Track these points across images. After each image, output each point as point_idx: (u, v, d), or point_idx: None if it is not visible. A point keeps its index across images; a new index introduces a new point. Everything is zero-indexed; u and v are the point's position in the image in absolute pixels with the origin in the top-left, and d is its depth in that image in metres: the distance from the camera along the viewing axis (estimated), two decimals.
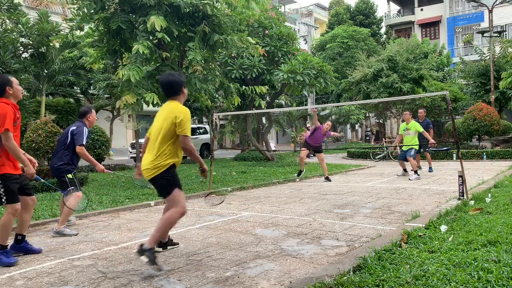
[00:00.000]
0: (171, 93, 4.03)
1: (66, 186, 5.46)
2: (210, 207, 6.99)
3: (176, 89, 4.02)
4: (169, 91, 4.04)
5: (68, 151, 5.55)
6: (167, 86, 4.02)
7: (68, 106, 25.57)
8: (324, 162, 10.83)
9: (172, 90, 4.02)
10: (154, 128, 4.03)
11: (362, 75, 21.15)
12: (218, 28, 9.03)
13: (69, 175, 5.51)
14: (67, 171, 5.52)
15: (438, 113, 25.03)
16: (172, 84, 4.00)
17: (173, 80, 4.00)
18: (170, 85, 4.01)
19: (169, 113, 3.90)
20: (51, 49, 14.06)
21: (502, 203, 5.79)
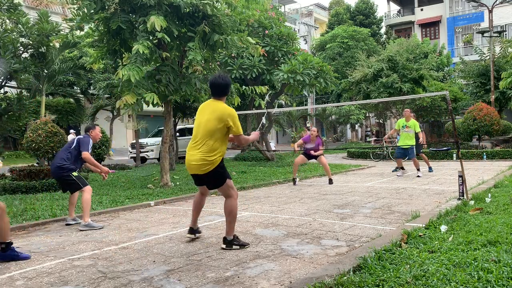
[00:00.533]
0: (220, 94, 4.43)
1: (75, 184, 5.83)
2: (210, 208, 6.99)
3: (226, 91, 4.46)
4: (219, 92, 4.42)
5: (71, 155, 5.90)
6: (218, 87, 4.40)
7: (68, 106, 25.64)
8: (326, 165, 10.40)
9: (222, 91, 4.42)
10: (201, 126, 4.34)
11: (362, 75, 21.15)
12: (218, 28, 9.03)
13: (74, 173, 5.84)
14: (71, 169, 5.82)
15: (438, 113, 25.04)
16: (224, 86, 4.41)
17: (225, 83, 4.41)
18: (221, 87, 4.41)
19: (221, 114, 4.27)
20: (51, 49, 14.07)
21: (502, 203, 5.79)
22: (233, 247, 4.36)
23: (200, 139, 4.31)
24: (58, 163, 5.83)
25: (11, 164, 17.24)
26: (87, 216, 5.72)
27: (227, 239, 4.40)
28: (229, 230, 4.40)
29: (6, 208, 6.81)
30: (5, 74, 13.56)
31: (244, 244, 4.45)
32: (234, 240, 4.41)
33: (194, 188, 9.31)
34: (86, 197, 5.78)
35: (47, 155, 9.99)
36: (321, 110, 32.79)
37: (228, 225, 4.41)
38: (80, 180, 5.86)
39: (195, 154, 4.30)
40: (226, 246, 4.39)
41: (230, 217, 4.39)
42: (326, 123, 36.01)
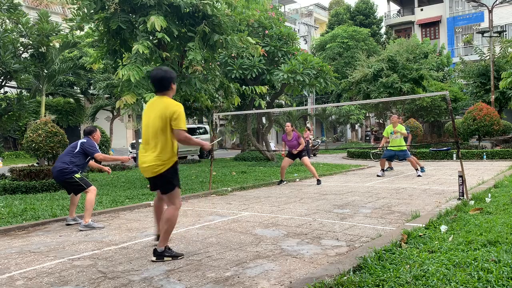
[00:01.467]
0: (162, 88, 4.10)
1: (78, 186, 5.82)
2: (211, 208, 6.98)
3: (167, 85, 4.08)
4: (160, 86, 4.09)
5: (74, 158, 5.89)
6: (158, 81, 4.08)
7: (68, 106, 25.62)
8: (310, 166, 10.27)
9: (163, 85, 4.08)
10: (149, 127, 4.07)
11: (362, 75, 21.15)
12: (218, 28, 9.03)
13: (76, 175, 5.80)
14: (73, 172, 5.79)
15: (438, 113, 25.05)
16: (163, 79, 4.06)
17: (164, 75, 4.07)
18: (160, 80, 4.07)
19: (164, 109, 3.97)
20: (51, 49, 14.06)
21: (502, 203, 5.79)
22: (164, 259, 4.02)
23: (152, 140, 4.02)
24: (59, 167, 5.80)
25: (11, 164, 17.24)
26: (89, 216, 5.70)
27: (157, 251, 4.04)
28: (162, 240, 4.06)
29: (6, 208, 6.84)
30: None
31: (177, 255, 4.10)
32: (165, 251, 4.05)
33: (194, 188, 9.31)
34: (90, 198, 5.78)
35: (47, 155, 9.98)
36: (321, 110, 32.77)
37: (163, 234, 4.06)
38: (84, 181, 5.85)
39: (148, 155, 4.03)
40: (156, 258, 4.02)
41: (167, 225, 4.03)
42: (326, 123, 35.99)
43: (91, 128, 6.30)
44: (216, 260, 4.06)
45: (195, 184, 10.05)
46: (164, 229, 4.04)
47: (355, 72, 21.81)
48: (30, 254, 4.50)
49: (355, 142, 37.52)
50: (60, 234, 5.46)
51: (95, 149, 5.96)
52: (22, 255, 4.49)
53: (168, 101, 4.05)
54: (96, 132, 6.25)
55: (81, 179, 5.84)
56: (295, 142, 10.13)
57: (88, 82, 22.46)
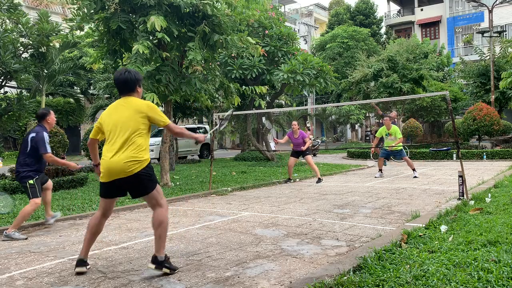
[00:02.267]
0: (126, 90, 3.86)
1: (27, 192, 5.42)
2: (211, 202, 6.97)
3: (131, 87, 3.86)
4: (124, 89, 3.87)
5: (29, 158, 5.45)
6: (122, 83, 3.85)
7: (68, 106, 25.64)
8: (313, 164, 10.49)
9: (127, 87, 3.86)
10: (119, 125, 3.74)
11: (362, 75, 21.15)
12: (218, 28, 9.02)
13: (30, 181, 5.39)
14: (28, 176, 5.39)
15: (438, 113, 25.04)
16: (127, 81, 3.84)
17: (128, 77, 3.85)
18: (125, 83, 3.84)
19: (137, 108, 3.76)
20: (51, 49, 14.06)
21: (502, 203, 5.79)
22: (163, 269, 3.66)
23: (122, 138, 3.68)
24: (16, 169, 5.48)
25: (11, 164, 17.23)
26: (15, 227, 5.28)
27: (157, 259, 3.67)
28: (160, 248, 3.70)
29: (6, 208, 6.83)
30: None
31: (174, 268, 3.75)
32: (166, 261, 3.70)
33: (194, 188, 9.31)
34: (27, 210, 5.34)
35: None
36: (321, 110, 32.78)
37: (158, 241, 3.70)
38: (33, 190, 5.38)
39: (119, 155, 3.64)
40: (155, 267, 3.66)
41: (160, 230, 3.70)
42: (326, 123, 35.99)
43: (43, 110, 5.66)
44: (216, 260, 4.06)
45: (195, 184, 10.05)
46: (158, 234, 3.71)
47: (355, 72, 21.81)
48: (30, 254, 4.50)
49: (355, 142, 37.52)
50: (60, 234, 5.46)
51: (44, 148, 5.35)
52: (22, 255, 4.49)
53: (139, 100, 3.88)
54: (50, 115, 5.65)
55: (32, 186, 5.37)
56: (300, 140, 10.41)
57: (88, 82, 22.46)
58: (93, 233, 3.91)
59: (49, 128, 5.65)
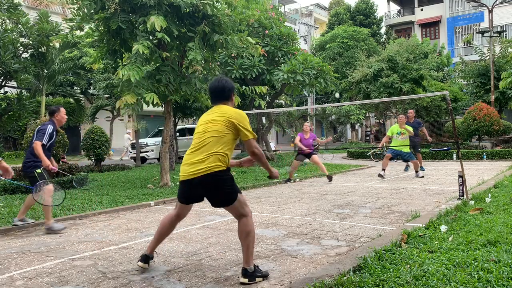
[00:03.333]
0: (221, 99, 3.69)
1: (36, 181, 5.51)
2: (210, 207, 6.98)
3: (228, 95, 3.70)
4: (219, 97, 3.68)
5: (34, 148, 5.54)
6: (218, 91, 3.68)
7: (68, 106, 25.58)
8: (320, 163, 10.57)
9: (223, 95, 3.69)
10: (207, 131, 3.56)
11: (362, 75, 21.15)
12: (218, 28, 9.03)
13: (37, 170, 5.52)
14: (35, 166, 5.52)
15: (438, 113, 25.03)
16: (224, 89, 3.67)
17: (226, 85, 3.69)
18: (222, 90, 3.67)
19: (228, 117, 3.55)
20: (51, 49, 14.07)
21: (502, 203, 5.79)
22: (256, 280, 3.44)
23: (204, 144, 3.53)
24: (24, 161, 5.62)
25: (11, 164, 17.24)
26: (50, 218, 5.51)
27: (248, 271, 3.44)
28: (248, 258, 3.47)
29: (6, 208, 6.83)
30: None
31: (267, 274, 3.56)
32: (256, 270, 3.48)
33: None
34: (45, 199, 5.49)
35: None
36: (321, 110, 32.78)
37: (246, 252, 3.47)
38: (41, 178, 5.53)
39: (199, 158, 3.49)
40: (249, 280, 3.41)
41: (248, 240, 3.48)
42: (326, 123, 36.00)
43: (54, 107, 5.84)
44: (216, 260, 4.06)
45: None
46: (246, 246, 3.48)
47: (355, 72, 21.81)
48: (30, 254, 4.50)
49: (355, 142, 37.51)
50: (60, 234, 5.46)
51: (39, 137, 5.45)
52: (22, 255, 4.49)
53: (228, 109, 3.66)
54: (60, 112, 5.77)
55: (41, 175, 5.51)
56: (311, 141, 10.52)
57: (88, 82, 22.45)
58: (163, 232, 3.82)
59: (58, 124, 5.79)
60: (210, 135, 3.51)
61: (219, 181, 3.46)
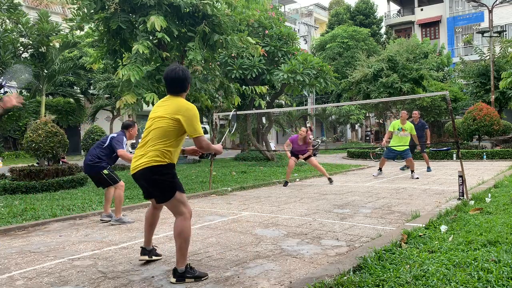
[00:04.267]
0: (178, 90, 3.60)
1: (106, 181, 5.98)
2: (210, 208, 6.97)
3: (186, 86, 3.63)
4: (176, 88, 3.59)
5: (103, 152, 5.95)
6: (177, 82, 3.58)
7: (68, 106, 25.62)
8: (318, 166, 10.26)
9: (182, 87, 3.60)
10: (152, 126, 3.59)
11: (362, 75, 21.15)
12: (218, 28, 9.03)
13: (104, 171, 5.90)
14: (102, 167, 5.89)
15: (438, 113, 25.03)
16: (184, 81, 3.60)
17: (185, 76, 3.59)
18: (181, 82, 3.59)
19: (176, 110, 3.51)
20: (51, 49, 14.07)
21: (502, 203, 5.79)
22: (186, 280, 3.46)
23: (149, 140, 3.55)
24: (89, 161, 5.93)
25: (11, 164, 17.25)
26: (119, 212, 5.91)
27: (177, 271, 3.47)
28: (180, 259, 3.48)
29: (6, 208, 6.83)
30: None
31: (202, 275, 3.52)
32: (187, 271, 3.48)
33: (194, 188, 9.31)
34: (118, 193, 5.95)
35: (47, 155, 9.98)
36: (321, 110, 32.78)
37: (178, 252, 3.48)
38: (111, 177, 5.95)
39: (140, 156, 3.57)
40: (176, 280, 3.45)
41: (180, 239, 3.46)
42: (326, 123, 36.01)
43: (130, 122, 6.24)
44: (216, 260, 4.06)
45: (195, 184, 10.05)
46: (178, 245, 3.49)
47: (355, 72, 21.81)
48: (30, 254, 4.50)
49: (355, 142, 37.52)
50: (60, 234, 5.46)
51: (120, 144, 5.88)
52: (22, 255, 4.49)
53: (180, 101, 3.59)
54: (134, 128, 6.20)
55: (109, 175, 5.93)
56: (304, 148, 10.02)
57: (88, 82, 22.46)
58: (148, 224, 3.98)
59: (128, 138, 6.14)
60: (155, 131, 3.52)
61: (155, 176, 3.48)
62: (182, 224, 3.50)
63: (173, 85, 3.60)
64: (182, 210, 3.53)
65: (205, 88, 9.95)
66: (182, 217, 3.52)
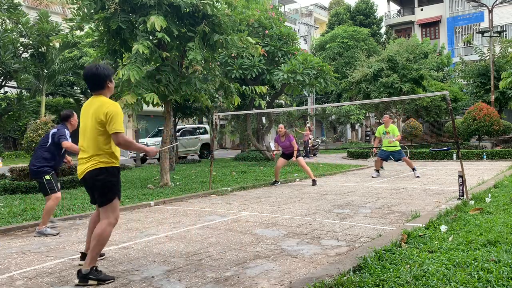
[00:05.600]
0: (96, 87, 3.65)
1: (44, 188, 5.46)
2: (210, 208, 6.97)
3: (101, 83, 3.64)
4: (94, 85, 3.65)
5: (47, 152, 5.49)
6: (90, 79, 3.63)
7: (68, 106, 25.64)
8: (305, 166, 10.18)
9: (96, 84, 3.64)
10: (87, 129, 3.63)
11: (362, 75, 21.15)
12: (218, 28, 9.03)
13: (46, 176, 5.43)
14: (44, 172, 5.43)
15: (438, 113, 25.05)
16: (96, 76, 3.61)
17: (97, 72, 3.61)
18: (93, 78, 3.62)
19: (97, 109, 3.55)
20: (51, 49, 14.08)
21: (502, 203, 5.79)
22: (88, 282, 3.41)
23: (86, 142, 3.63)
24: (33, 165, 5.47)
25: (11, 164, 17.24)
26: (43, 223, 5.40)
27: (81, 272, 3.44)
28: (89, 259, 3.48)
29: (6, 208, 6.84)
30: None
31: (106, 279, 3.49)
32: (91, 273, 3.44)
33: (194, 188, 9.32)
34: (49, 205, 5.42)
35: None
36: (321, 110, 32.79)
37: (90, 252, 3.50)
38: (50, 185, 5.43)
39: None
40: (79, 281, 3.43)
41: (95, 241, 3.48)
42: (326, 123, 36.01)
43: (67, 112, 5.69)
44: (216, 260, 4.06)
45: (195, 184, 10.05)
46: (93, 245, 3.50)
47: (355, 72, 21.81)
48: (30, 254, 4.50)
49: (355, 142, 37.52)
50: (60, 234, 5.46)
51: (63, 137, 5.38)
52: (22, 255, 4.49)
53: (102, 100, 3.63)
54: (73, 117, 5.65)
55: (49, 182, 5.42)
56: (287, 143, 10.14)
57: None
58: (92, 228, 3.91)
59: (71, 129, 5.67)
60: (89, 134, 3.58)
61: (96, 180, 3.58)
62: (104, 228, 3.57)
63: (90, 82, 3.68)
64: (110, 215, 3.62)
65: (205, 88, 9.95)
66: (107, 222, 3.60)
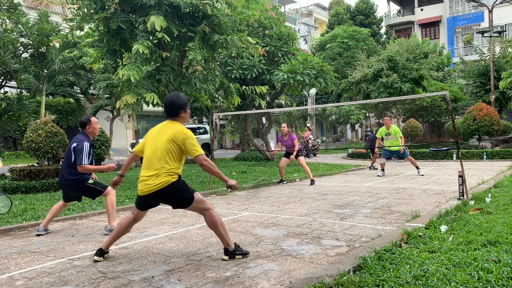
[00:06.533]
0: (171, 114, 4.09)
1: (95, 191, 5.40)
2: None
3: (176, 112, 4.06)
4: (170, 112, 4.08)
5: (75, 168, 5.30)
6: (168, 107, 4.08)
7: (68, 106, 25.64)
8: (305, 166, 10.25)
9: (172, 111, 4.07)
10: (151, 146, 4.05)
11: (362, 75, 21.15)
12: (218, 28, 9.03)
13: (89, 181, 5.35)
14: (84, 179, 5.32)
15: (438, 113, 25.04)
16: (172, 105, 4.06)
17: (173, 101, 4.07)
18: (171, 106, 4.07)
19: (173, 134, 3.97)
20: (51, 49, 14.07)
21: (502, 203, 5.79)
22: (235, 257, 4.09)
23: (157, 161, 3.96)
24: (67, 177, 5.31)
25: (11, 164, 17.25)
26: (113, 220, 5.38)
27: (229, 250, 4.10)
28: (225, 241, 4.09)
29: (6, 208, 6.83)
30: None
31: (247, 253, 4.19)
32: (236, 249, 4.13)
33: (194, 188, 9.27)
34: (109, 199, 5.41)
35: (47, 155, 9.98)
36: (321, 110, 32.79)
37: (221, 238, 4.11)
38: (98, 185, 5.41)
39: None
40: (229, 257, 4.08)
41: (215, 229, 4.08)
42: (326, 123, 36.01)
43: (84, 119, 5.51)
44: (216, 260, 4.06)
45: (195, 184, 10.04)
46: (220, 233, 4.06)
47: (355, 72, 21.81)
48: (30, 254, 4.50)
49: (355, 142, 37.52)
50: (60, 234, 5.46)
51: (80, 159, 5.20)
52: (22, 255, 4.49)
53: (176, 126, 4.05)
54: (91, 124, 5.45)
55: (95, 183, 5.40)
56: (290, 143, 10.29)
57: (88, 82, 22.46)
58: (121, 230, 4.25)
59: (91, 136, 5.50)
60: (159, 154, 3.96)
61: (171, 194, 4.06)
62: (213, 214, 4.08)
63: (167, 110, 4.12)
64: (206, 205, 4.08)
65: (205, 88, 9.96)
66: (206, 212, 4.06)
